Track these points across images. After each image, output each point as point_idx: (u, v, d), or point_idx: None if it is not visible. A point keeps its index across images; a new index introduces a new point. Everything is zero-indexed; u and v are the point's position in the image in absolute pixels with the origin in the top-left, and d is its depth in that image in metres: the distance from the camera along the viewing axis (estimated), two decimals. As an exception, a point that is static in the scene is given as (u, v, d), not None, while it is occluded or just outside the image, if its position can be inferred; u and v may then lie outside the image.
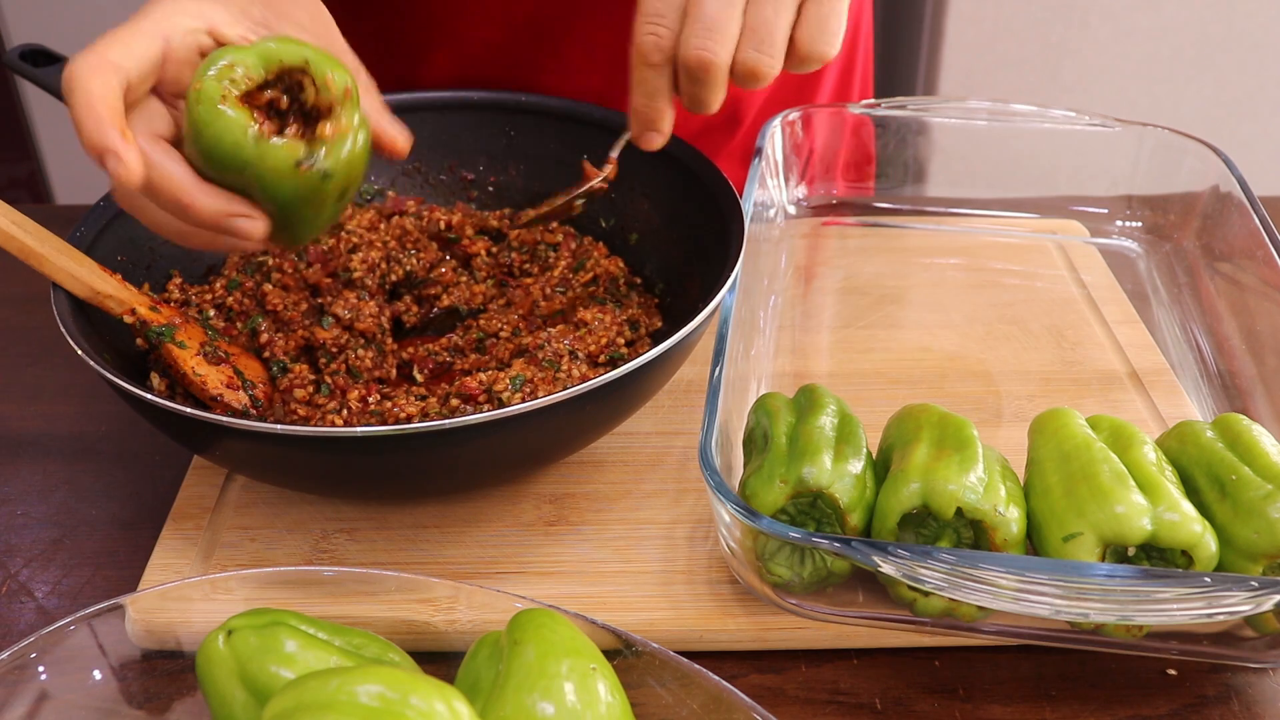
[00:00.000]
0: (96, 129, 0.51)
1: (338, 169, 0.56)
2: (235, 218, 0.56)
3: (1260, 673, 0.57)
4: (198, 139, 0.54)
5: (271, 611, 0.47)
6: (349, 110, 0.56)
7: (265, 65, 0.55)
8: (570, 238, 0.77)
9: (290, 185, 0.55)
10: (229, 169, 0.54)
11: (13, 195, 2.22)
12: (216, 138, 0.53)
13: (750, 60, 0.60)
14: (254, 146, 0.54)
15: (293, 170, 0.54)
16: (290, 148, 0.54)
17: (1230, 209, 0.79)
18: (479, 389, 0.64)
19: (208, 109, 0.53)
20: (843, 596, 0.57)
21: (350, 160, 0.56)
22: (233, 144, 0.53)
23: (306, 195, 0.56)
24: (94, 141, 0.52)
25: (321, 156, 0.55)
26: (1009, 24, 1.90)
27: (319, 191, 0.56)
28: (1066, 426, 0.58)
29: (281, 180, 0.55)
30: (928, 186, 0.95)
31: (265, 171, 0.54)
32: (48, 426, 0.74)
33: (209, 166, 0.55)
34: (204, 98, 0.53)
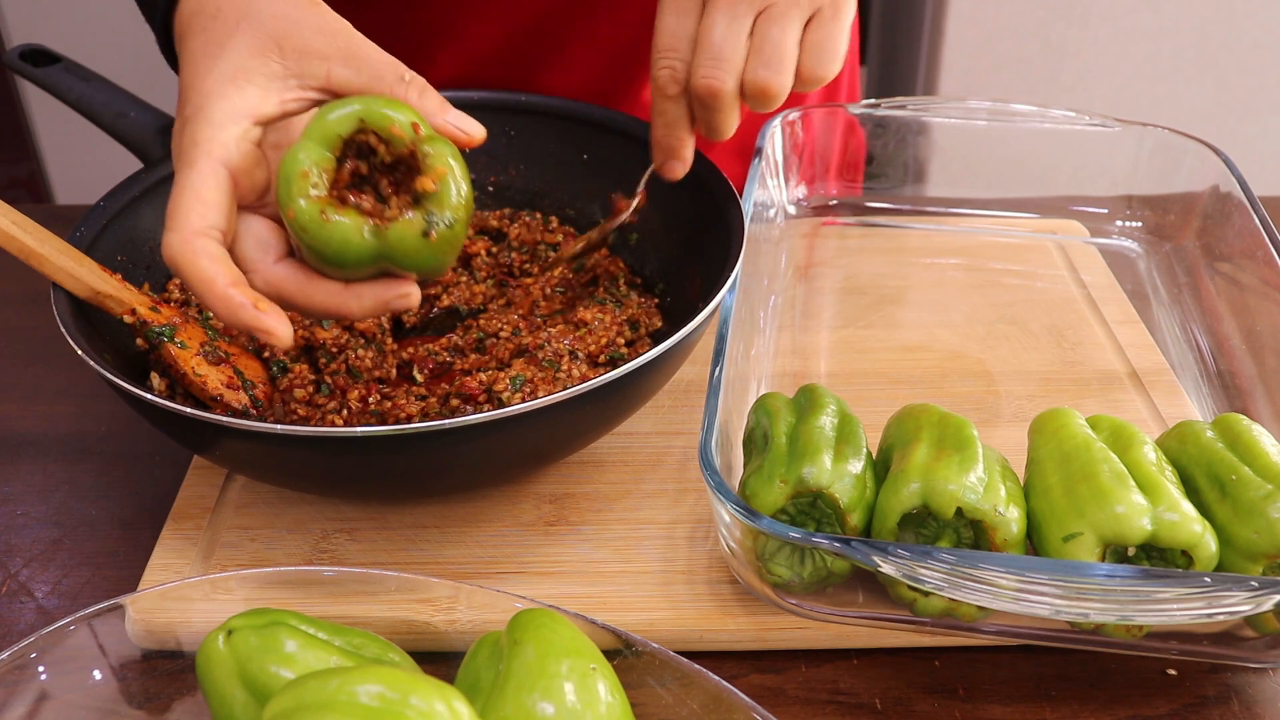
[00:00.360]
0: (230, 313, 0.52)
1: (457, 214, 0.54)
2: (393, 302, 0.55)
3: (1260, 673, 0.57)
4: (318, 255, 0.53)
5: (271, 611, 0.47)
6: (431, 145, 0.53)
7: (329, 148, 0.53)
8: (570, 238, 0.77)
9: (426, 253, 0.54)
10: (360, 266, 0.54)
11: (13, 195, 2.22)
12: (337, 249, 0.52)
13: (760, 80, 0.62)
14: (376, 240, 0.53)
15: (423, 242, 0.53)
16: (411, 225, 0.53)
17: (1230, 209, 0.79)
18: (479, 389, 0.64)
19: (314, 228, 0.52)
20: (843, 596, 0.57)
21: (462, 198, 0.54)
22: (355, 249, 0.53)
23: (443, 250, 0.54)
24: (235, 324, 0.52)
25: (440, 215, 0.53)
26: (1009, 24, 1.90)
27: (451, 241, 0.54)
28: (1066, 426, 0.58)
29: (416, 254, 0.53)
30: (928, 186, 0.95)
31: (396, 254, 0.53)
32: (48, 426, 0.74)
33: (340, 270, 0.54)
34: (304, 217, 0.52)
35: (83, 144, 2.05)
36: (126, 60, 1.77)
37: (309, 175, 0.52)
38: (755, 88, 0.62)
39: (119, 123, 0.72)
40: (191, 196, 0.53)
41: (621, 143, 0.78)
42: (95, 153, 1.53)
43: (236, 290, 0.52)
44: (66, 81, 0.74)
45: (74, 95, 0.73)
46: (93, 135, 0.79)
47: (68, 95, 0.73)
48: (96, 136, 0.76)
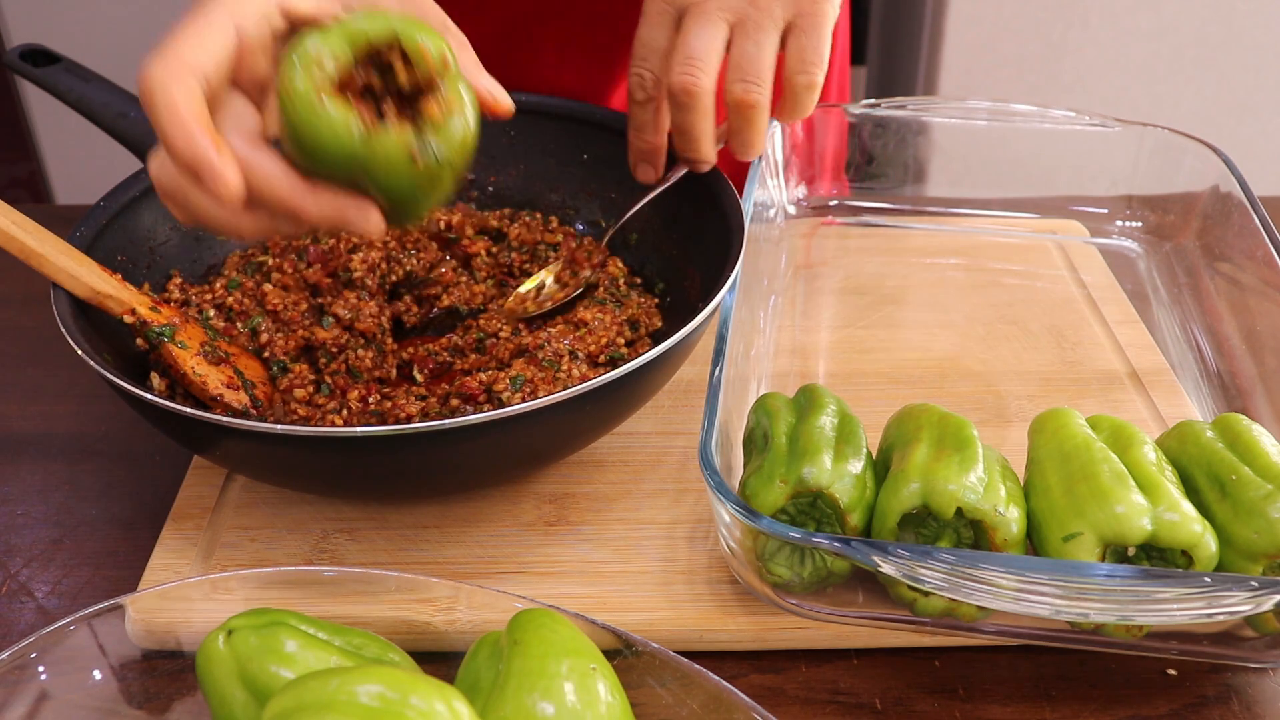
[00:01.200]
0: (186, 143, 0.48)
1: (453, 152, 0.51)
2: (350, 216, 0.52)
3: (1260, 673, 0.57)
4: (298, 140, 0.50)
5: (271, 611, 0.47)
6: (451, 82, 0.51)
7: (353, 46, 0.50)
8: (570, 238, 0.77)
9: (406, 177, 0.51)
10: (336, 167, 0.50)
11: (13, 195, 2.22)
12: (318, 138, 0.49)
13: (738, 92, 0.63)
14: (361, 143, 0.49)
15: (407, 163, 0.50)
16: (401, 139, 0.50)
17: (1230, 209, 0.79)
18: (479, 389, 0.64)
19: (305, 108, 0.49)
20: (843, 596, 0.57)
21: (464, 138, 0.52)
22: (337, 143, 0.49)
23: (423, 184, 0.51)
24: (186, 156, 0.48)
25: (435, 143, 0.51)
26: (1009, 24, 1.90)
27: (436, 178, 0.51)
28: (1066, 426, 0.58)
29: (396, 174, 0.50)
30: (928, 186, 0.95)
31: (377, 167, 0.50)
32: (48, 426, 0.74)
33: (312, 165, 0.51)
34: (298, 96, 0.49)
35: (83, 144, 2.05)
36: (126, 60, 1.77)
37: (321, 58, 0.49)
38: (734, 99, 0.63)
39: (119, 123, 0.72)
40: (194, 37, 0.50)
41: (621, 143, 0.78)
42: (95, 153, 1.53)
43: (201, 124, 0.48)
44: (66, 81, 0.74)
45: (74, 95, 0.73)
46: (93, 135, 0.79)
47: (68, 95, 0.73)
48: (96, 136, 0.76)
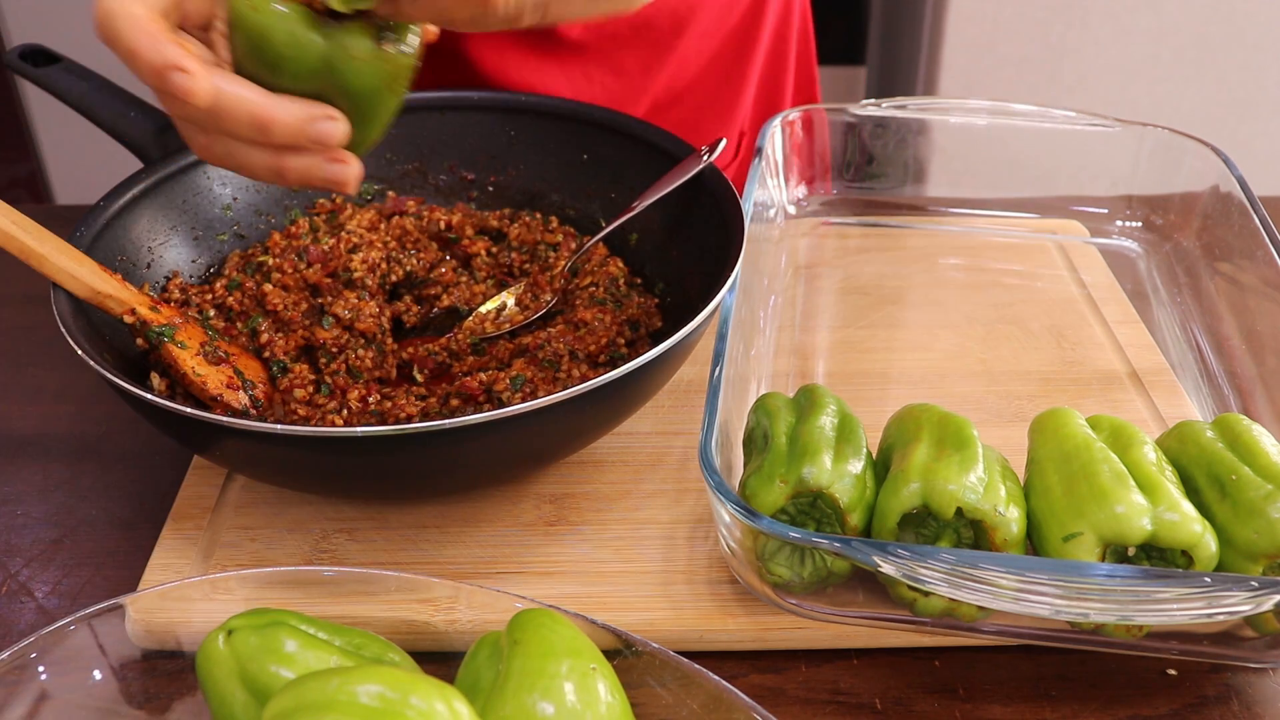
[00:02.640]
0: (154, 48, 0.48)
1: (414, 45, 0.51)
2: (319, 121, 0.51)
3: (1260, 673, 0.57)
4: (259, 51, 0.49)
5: (271, 611, 0.47)
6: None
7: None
8: (570, 238, 0.77)
9: (371, 72, 0.50)
10: (300, 73, 0.50)
11: (13, 195, 2.22)
12: (282, 42, 0.49)
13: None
14: (326, 39, 0.49)
15: (375, 54, 0.50)
16: (365, 29, 0.50)
17: (1230, 209, 0.79)
18: (479, 389, 0.64)
19: (264, 14, 0.48)
20: (843, 596, 0.57)
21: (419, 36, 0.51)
22: (303, 42, 0.49)
23: (387, 81, 0.51)
24: (154, 61, 0.48)
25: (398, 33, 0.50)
26: (1009, 24, 1.90)
27: (399, 75, 0.51)
28: (1066, 426, 0.58)
29: (363, 68, 0.50)
30: (928, 186, 0.95)
31: (344, 61, 0.50)
32: (48, 426, 0.74)
33: (276, 77, 0.50)
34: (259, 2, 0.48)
35: (83, 144, 2.05)
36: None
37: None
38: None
39: (119, 123, 0.72)
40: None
41: (621, 143, 0.78)
42: (95, 153, 1.53)
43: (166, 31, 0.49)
44: (66, 81, 0.74)
45: (74, 95, 0.73)
46: (93, 135, 0.79)
47: (68, 95, 0.73)
48: (96, 136, 0.76)
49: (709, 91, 0.98)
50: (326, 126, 0.52)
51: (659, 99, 0.96)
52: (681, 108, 0.97)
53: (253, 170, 0.54)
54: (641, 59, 0.93)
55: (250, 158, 0.54)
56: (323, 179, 0.54)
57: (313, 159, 0.53)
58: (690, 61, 0.95)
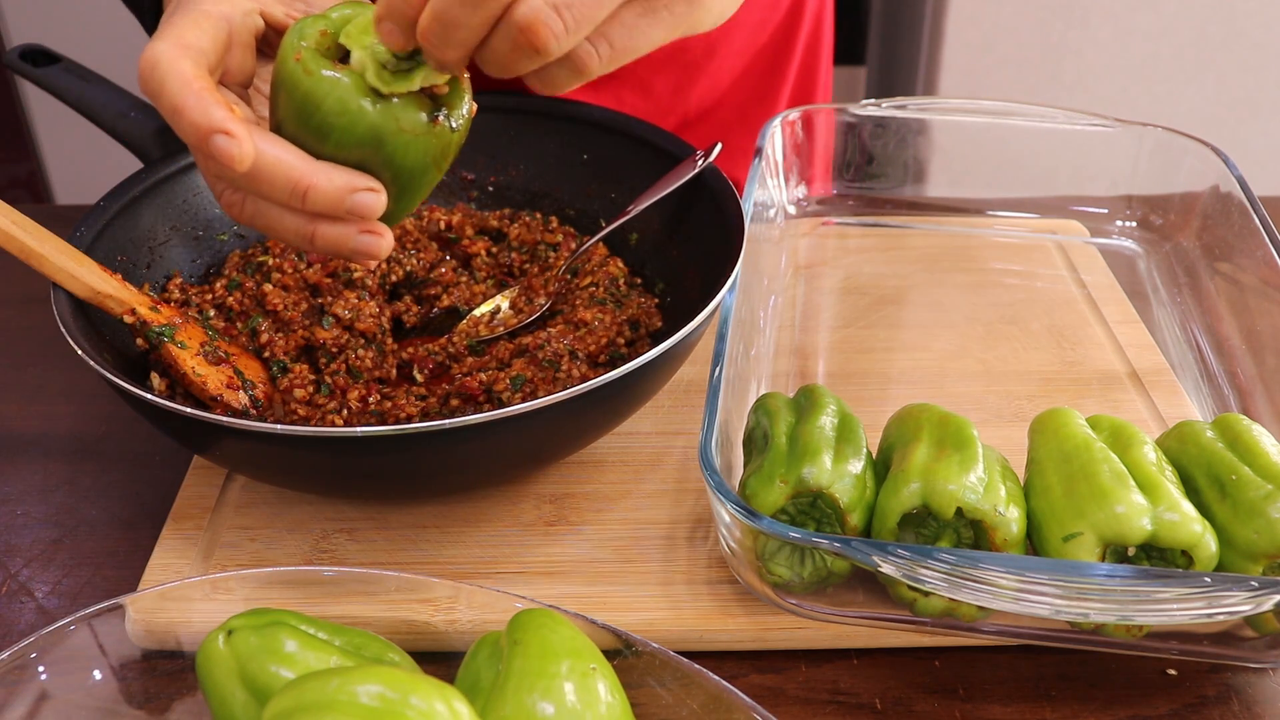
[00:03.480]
0: (201, 109, 0.47)
1: (465, 126, 0.50)
2: (359, 193, 0.49)
3: (1260, 673, 0.57)
4: (307, 116, 0.48)
5: (271, 611, 0.47)
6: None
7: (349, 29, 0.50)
8: (570, 238, 0.77)
9: (420, 146, 0.49)
10: (347, 142, 0.49)
11: (13, 195, 2.22)
12: (333, 110, 0.48)
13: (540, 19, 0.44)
14: (378, 109, 0.48)
15: (426, 128, 0.49)
16: (418, 102, 0.48)
17: (1230, 209, 0.79)
18: (479, 389, 0.64)
19: (315, 79, 0.47)
20: (843, 596, 0.57)
21: (469, 115, 0.51)
22: (355, 111, 0.48)
23: (435, 156, 0.50)
24: (200, 123, 0.47)
25: (449, 110, 0.49)
26: (1009, 24, 1.90)
27: (447, 150, 0.50)
28: (1066, 426, 0.58)
29: (412, 142, 0.49)
30: (928, 186, 0.95)
31: (394, 134, 0.48)
32: (48, 426, 0.74)
33: (321, 144, 0.49)
34: (310, 68, 0.47)
35: (83, 144, 2.05)
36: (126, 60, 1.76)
37: (322, 31, 0.49)
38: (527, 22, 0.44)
39: (119, 123, 0.72)
40: (193, 26, 0.51)
41: (621, 143, 0.78)
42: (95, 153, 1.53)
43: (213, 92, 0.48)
44: (66, 81, 0.74)
45: (74, 95, 0.73)
46: (93, 135, 0.79)
47: (68, 95, 0.73)
48: (96, 136, 0.76)
49: (739, 106, 0.98)
50: (366, 199, 0.50)
51: (688, 116, 0.95)
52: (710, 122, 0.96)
53: (282, 234, 0.53)
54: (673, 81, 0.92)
55: (282, 221, 0.52)
56: (352, 249, 0.52)
57: (346, 229, 0.52)
58: (722, 79, 0.94)
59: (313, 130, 0.49)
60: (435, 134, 0.49)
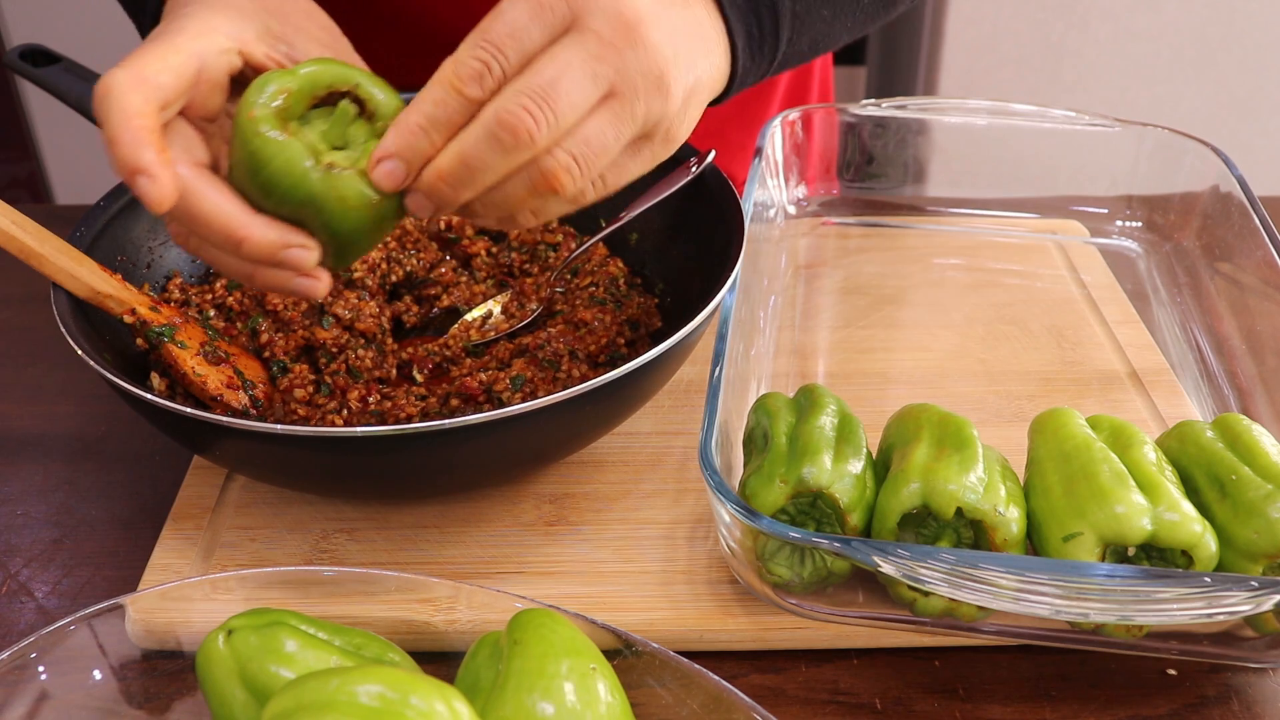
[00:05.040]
0: (131, 147, 0.48)
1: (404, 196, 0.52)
2: (292, 249, 0.52)
3: (1260, 673, 0.57)
4: (253, 170, 0.50)
5: (271, 611, 0.47)
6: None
7: (313, 90, 0.52)
8: (570, 238, 0.77)
9: (358, 217, 0.51)
10: (287, 200, 0.51)
11: (13, 195, 2.22)
12: (276, 170, 0.50)
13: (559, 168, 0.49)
14: (320, 179, 0.50)
15: (366, 201, 0.51)
16: (361, 178, 0.51)
17: (1230, 209, 0.79)
18: (479, 389, 0.64)
19: (264, 140, 0.50)
20: (843, 596, 0.57)
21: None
22: (295, 176, 0.50)
23: (373, 225, 0.52)
24: (126, 160, 0.49)
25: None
26: (1009, 24, 1.90)
27: (385, 221, 0.52)
28: (1066, 426, 0.58)
29: (350, 213, 0.51)
30: (928, 186, 0.95)
31: (332, 203, 0.51)
32: (48, 426, 0.74)
33: (264, 198, 0.51)
34: (259, 127, 0.50)
35: (83, 144, 2.05)
36: (126, 60, 1.76)
37: (283, 94, 0.51)
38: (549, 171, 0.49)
39: (119, 123, 0.72)
40: (158, 57, 0.51)
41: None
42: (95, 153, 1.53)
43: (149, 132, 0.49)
44: (66, 81, 0.74)
45: (74, 95, 0.73)
46: (93, 135, 0.79)
47: (68, 95, 0.73)
48: (96, 136, 0.76)
49: (736, 101, 0.98)
50: (298, 255, 0.52)
51: None
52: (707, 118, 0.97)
53: (223, 269, 0.55)
54: None
55: (222, 259, 0.54)
56: (290, 290, 0.55)
57: (283, 273, 0.54)
58: None
59: (258, 185, 0.51)
60: (376, 206, 0.51)
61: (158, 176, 0.49)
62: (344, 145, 0.53)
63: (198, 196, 0.51)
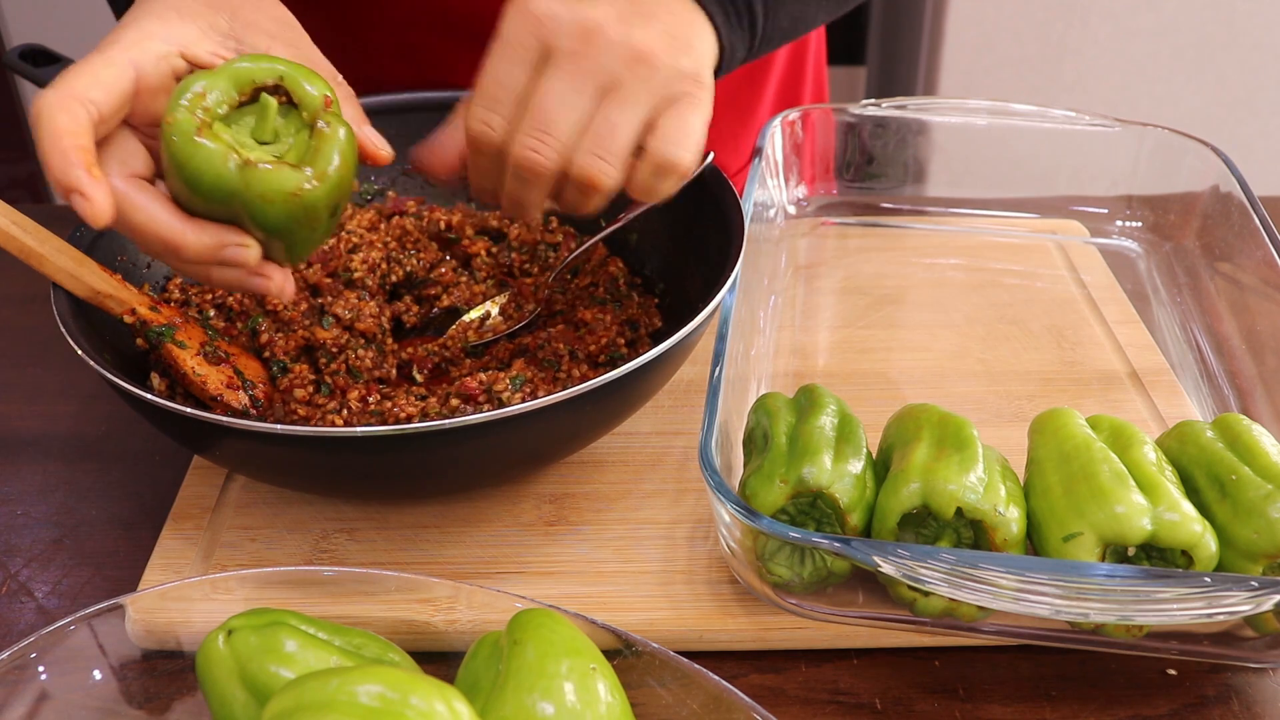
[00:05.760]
0: (62, 167, 0.49)
1: (329, 187, 0.53)
2: (229, 248, 0.54)
3: (1260, 673, 0.57)
4: (178, 173, 0.52)
5: (271, 611, 0.47)
6: (331, 122, 0.54)
7: (238, 87, 0.53)
8: (570, 238, 0.77)
9: (281, 210, 0.53)
10: (214, 200, 0.52)
11: (13, 195, 2.22)
12: (198, 171, 0.51)
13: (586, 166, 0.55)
14: (239, 176, 0.52)
15: (284, 195, 0.52)
16: (277, 172, 0.52)
17: (1230, 209, 0.79)
18: (479, 389, 0.64)
19: (184, 143, 0.51)
20: (843, 596, 0.57)
21: (341, 176, 0.54)
22: (216, 176, 0.51)
23: (300, 217, 0.54)
24: (59, 180, 0.50)
25: (310, 176, 0.53)
26: (1009, 24, 1.90)
27: (312, 212, 0.54)
28: (1066, 426, 0.58)
29: (271, 207, 0.52)
30: (928, 186, 0.95)
31: (253, 199, 0.52)
32: (48, 426, 0.74)
33: (194, 199, 0.53)
34: (179, 131, 0.51)
35: (83, 144, 2.04)
36: (126, 60, 1.76)
37: (205, 95, 0.52)
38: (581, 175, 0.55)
39: (119, 123, 0.72)
40: (89, 74, 0.52)
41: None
42: (95, 153, 1.53)
43: (79, 151, 0.50)
44: (66, 81, 0.73)
45: (74, 95, 0.73)
46: (93, 135, 0.79)
47: (68, 95, 0.73)
48: (96, 136, 0.76)
49: (728, 95, 0.98)
50: (237, 253, 0.54)
51: None
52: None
53: (182, 272, 0.57)
54: None
55: (173, 263, 0.56)
56: (246, 288, 0.57)
57: (236, 272, 0.55)
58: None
59: (187, 186, 0.53)
60: (294, 198, 0.52)
61: (91, 195, 0.50)
62: (273, 140, 0.54)
63: (131, 208, 0.53)
